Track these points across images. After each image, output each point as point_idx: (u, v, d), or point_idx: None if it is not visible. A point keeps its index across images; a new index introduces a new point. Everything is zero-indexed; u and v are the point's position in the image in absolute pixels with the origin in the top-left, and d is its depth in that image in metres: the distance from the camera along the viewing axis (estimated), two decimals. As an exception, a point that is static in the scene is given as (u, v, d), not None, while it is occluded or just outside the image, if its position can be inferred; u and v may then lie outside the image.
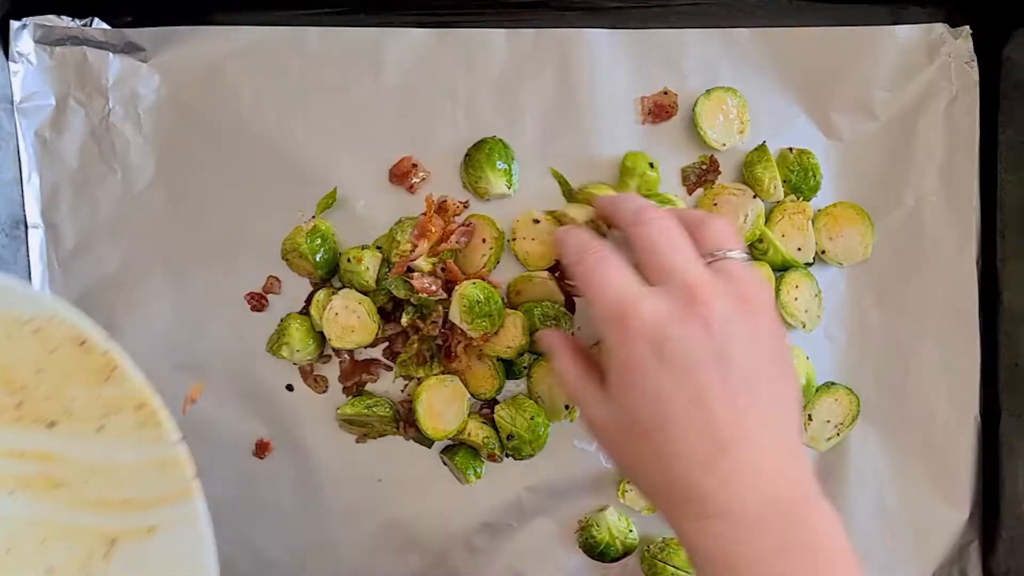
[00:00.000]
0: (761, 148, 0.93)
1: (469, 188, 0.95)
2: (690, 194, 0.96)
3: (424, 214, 0.93)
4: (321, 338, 0.95)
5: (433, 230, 0.92)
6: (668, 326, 0.67)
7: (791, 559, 0.63)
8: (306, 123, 0.95)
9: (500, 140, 0.94)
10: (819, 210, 0.95)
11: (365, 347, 0.95)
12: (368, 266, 0.92)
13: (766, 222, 0.94)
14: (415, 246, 0.92)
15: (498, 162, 0.93)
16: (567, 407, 0.92)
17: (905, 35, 0.94)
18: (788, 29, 0.95)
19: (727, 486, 0.64)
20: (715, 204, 0.93)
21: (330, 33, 0.95)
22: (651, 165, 0.92)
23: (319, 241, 0.93)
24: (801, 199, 0.95)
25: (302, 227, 0.93)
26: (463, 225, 0.94)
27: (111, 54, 0.95)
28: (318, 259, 0.92)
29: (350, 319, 0.93)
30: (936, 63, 0.94)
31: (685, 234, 0.74)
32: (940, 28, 0.94)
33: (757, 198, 0.93)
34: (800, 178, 0.94)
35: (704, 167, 0.95)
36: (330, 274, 0.95)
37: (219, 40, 0.95)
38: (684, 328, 0.67)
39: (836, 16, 0.95)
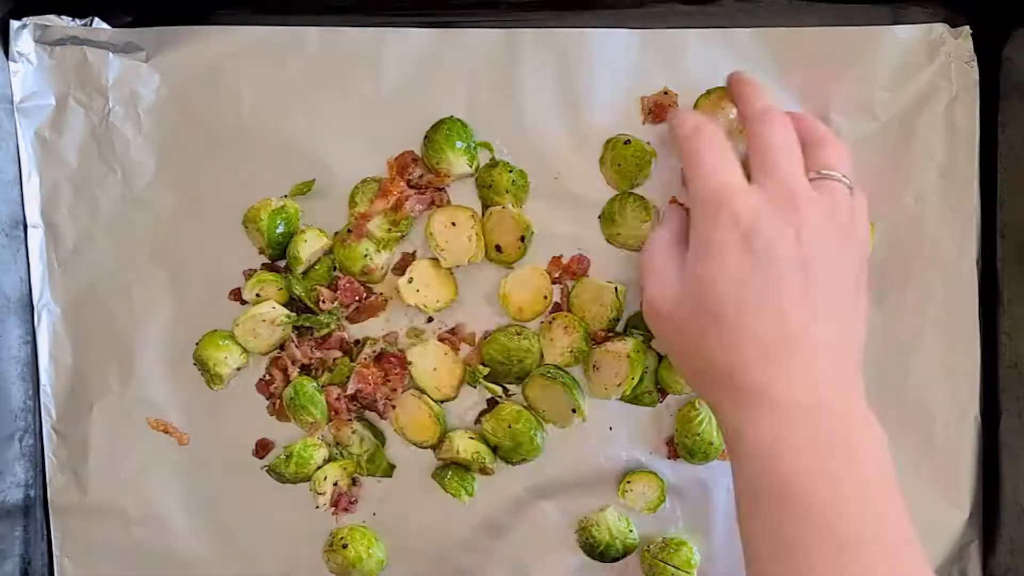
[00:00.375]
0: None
1: (431, 170, 0.95)
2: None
3: (388, 176, 0.93)
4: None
5: (394, 192, 0.92)
6: (760, 222, 0.70)
7: (833, 462, 0.66)
8: (307, 123, 0.95)
9: (459, 120, 0.94)
10: (819, 210, 0.95)
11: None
12: (308, 240, 0.93)
13: (766, 222, 0.94)
14: (372, 204, 0.93)
15: (457, 142, 0.93)
16: (573, 410, 0.92)
17: (905, 35, 0.94)
18: (788, 29, 0.95)
19: (786, 380, 0.67)
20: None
21: (330, 33, 0.95)
22: (626, 142, 0.93)
23: (279, 220, 0.93)
24: (801, 199, 0.94)
25: (271, 202, 0.93)
26: (419, 192, 0.94)
27: (111, 54, 0.95)
28: (272, 236, 0.92)
29: (259, 327, 0.93)
30: (936, 63, 0.94)
31: (798, 146, 0.78)
32: (940, 28, 0.94)
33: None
34: (800, 178, 0.94)
35: (704, 167, 0.95)
36: (281, 255, 0.95)
37: (219, 40, 0.95)
38: (776, 228, 0.70)
39: (836, 16, 0.95)
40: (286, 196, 0.95)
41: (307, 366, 0.94)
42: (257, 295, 0.94)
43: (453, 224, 0.94)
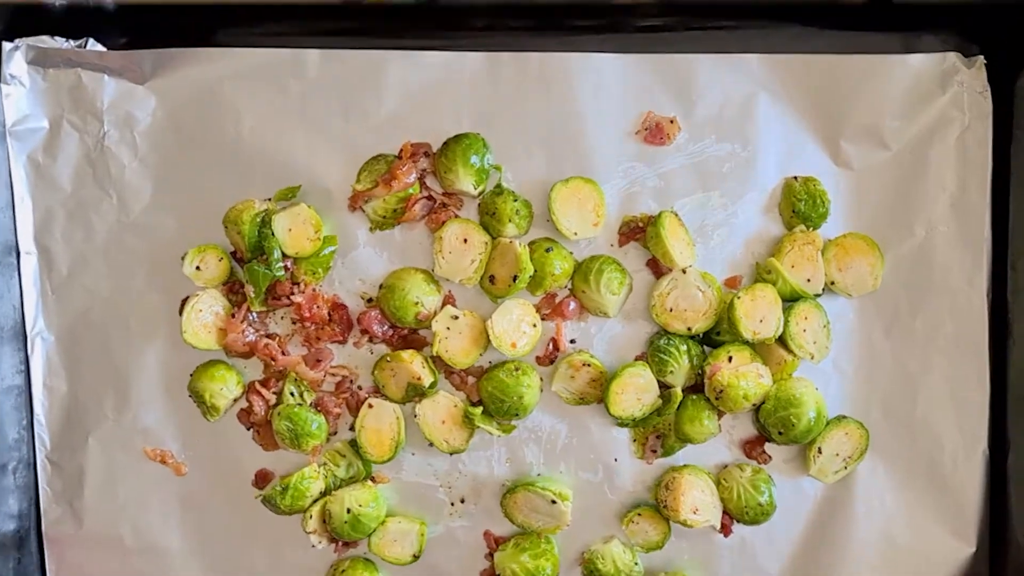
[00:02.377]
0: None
1: (437, 177, 0.93)
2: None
3: (399, 158, 0.92)
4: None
5: (401, 178, 0.90)
6: None
7: None
8: (308, 146, 0.93)
9: (481, 138, 0.92)
10: (828, 240, 0.93)
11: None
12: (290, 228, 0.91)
13: (775, 253, 0.93)
14: (376, 185, 0.91)
15: (472, 157, 0.91)
16: (553, 501, 0.91)
17: (918, 64, 0.92)
18: (799, 56, 0.93)
19: None
20: None
21: (332, 55, 0.93)
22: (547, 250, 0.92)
23: (260, 223, 0.91)
24: (811, 228, 0.93)
25: (254, 205, 0.91)
26: (427, 198, 0.93)
27: (106, 76, 0.92)
28: (252, 240, 0.91)
29: (208, 318, 0.92)
30: (949, 93, 0.93)
31: None
32: (953, 58, 0.92)
33: None
34: (808, 206, 0.93)
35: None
36: (257, 252, 0.92)
37: (217, 62, 0.93)
38: None
39: (848, 44, 0.93)
40: (269, 199, 0.93)
41: (279, 376, 0.93)
42: (197, 268, 0.92)
43: (465, 241, 0.92)
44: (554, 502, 0.91)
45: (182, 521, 0.95)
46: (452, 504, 0.95)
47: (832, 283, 0.93)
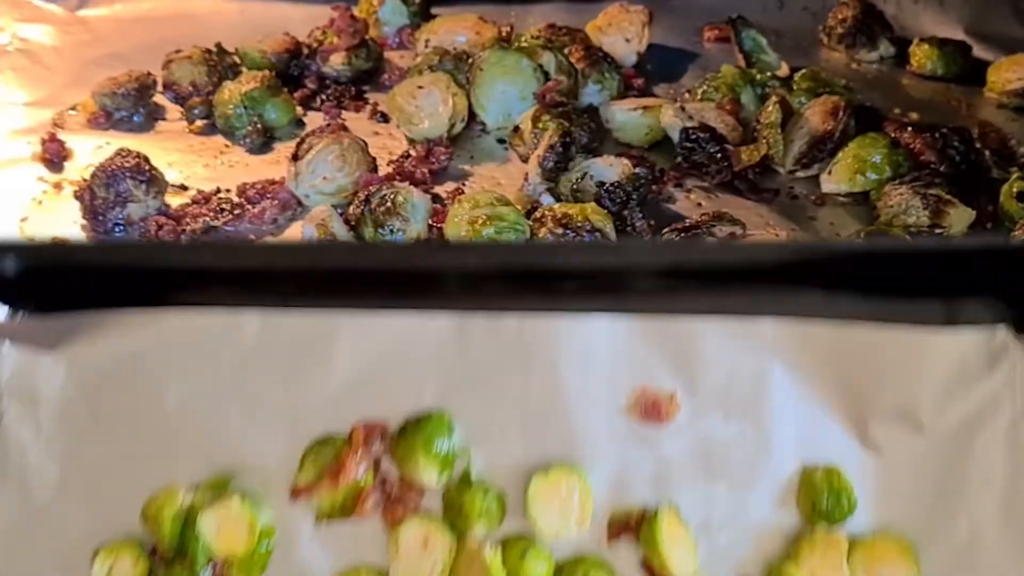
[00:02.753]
0: None
1: (394, 462, 0.81)
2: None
3: (348, 445, 0.80)
4: None
5: (350, 470, 0.79)
6: None
7: None
8: (243, 424, 0.80)
9: (447, 419, 0.80)
10: (855, 542, 0.80)
11: None
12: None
13: (792, 557, 0.79)
14: (321, 477, 0.79)
15: (436, 442, 0.79)
16: None
17: (962, 338, 0.79)
18: (821, 323, 0.80)
19: None
20: None
21: (273, 318, 0.80)
22: None
23: (184, 521, 0.79)
24: (834, 526, 0.80)
25: (178, 497, 0.79)
26: (382, 487, 0.80)
27: (7, 344, 0.80)
28: (174, 541, 0.79)
29: None
30: (998, 373, 0.79)
31: None
32: (1004, 332, 0.79)
33: None
34: (831, 503, 0.79)
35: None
36: (179, 554, 0.79)
37: (138, 328, 0.80)
38: None
39: (878, 310, 0.80)
40: (197, 485, 0.80)
41: None
42: (108, 572, 0.79)
43: (424, 546, 0.79)
44: None
45: None
46: None
47: (859, 593, 0.80)
